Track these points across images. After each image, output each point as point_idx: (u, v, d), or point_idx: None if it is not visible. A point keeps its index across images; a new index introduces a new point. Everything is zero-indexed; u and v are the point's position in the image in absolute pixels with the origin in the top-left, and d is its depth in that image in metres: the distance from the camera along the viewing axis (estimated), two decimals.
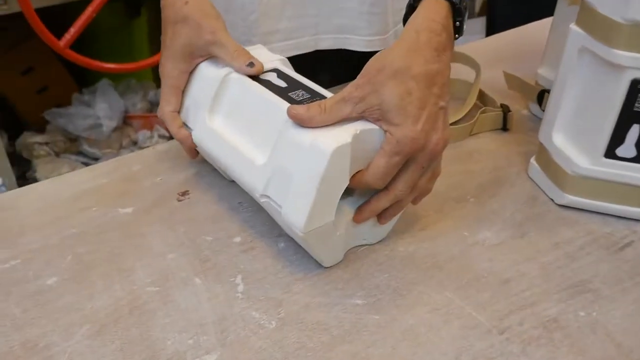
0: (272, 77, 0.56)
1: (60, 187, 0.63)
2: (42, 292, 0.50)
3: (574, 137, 0.59)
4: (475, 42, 0.98)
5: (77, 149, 1.87)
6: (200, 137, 0.58)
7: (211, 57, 0.59)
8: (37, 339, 0.46)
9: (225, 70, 0.57)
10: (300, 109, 0.48)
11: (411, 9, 0.52)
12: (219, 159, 0.56)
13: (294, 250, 0.54)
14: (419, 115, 0.47)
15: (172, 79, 0.60)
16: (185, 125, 0.60)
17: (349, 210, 0.52)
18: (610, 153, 0.55)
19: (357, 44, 0.79)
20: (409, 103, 0.47)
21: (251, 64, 0.56)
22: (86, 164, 1.87)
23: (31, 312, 0.48)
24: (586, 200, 0.59)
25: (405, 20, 0.53)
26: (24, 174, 1.84)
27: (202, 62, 0.60)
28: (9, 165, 1.65)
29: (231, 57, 0.56)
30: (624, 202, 0.57)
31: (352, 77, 0.50)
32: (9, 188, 1.60)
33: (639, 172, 0.55)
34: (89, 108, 1.86)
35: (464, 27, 0.54)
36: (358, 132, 0.47)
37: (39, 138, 1.81)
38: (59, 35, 1.45)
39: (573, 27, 0.55)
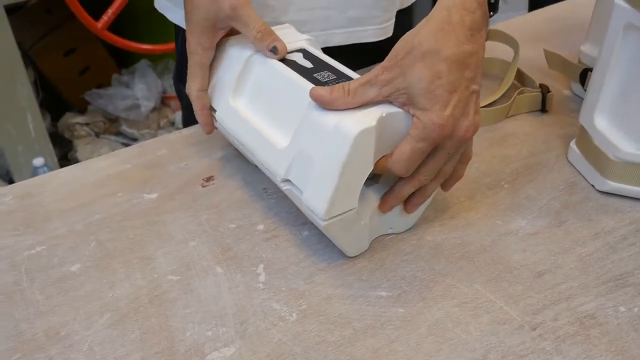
0: (298, 58, 0.55)
1: (85, 172, 0.63)
2: (65, 279, 0.50)
3: (617, 120, 0.55)
4: (515, 19, 0.93)
5: (117, 130, 1.90)
6: (222, 118, 0.57)
7: (235, 32, 0.57)
8: (59, 327, 0.46)
9: (249, 51, 0.55)
10: (323, 91, 0.46)
11: None
12: (241, 141, 0.55)
13: (317, 238, 0.53)
14: (448, 100, 0.44)
15: (196, 56, 0.58)
16: (211, 107, 0.59)
17: (374, 198, 0.50)
18: None
19: (371, 35, 0.74)
20: (438, 87, 0.44)
21: (274, 49, 0.54)
22: (125, 145, 1.90)
23: (54, 299, 0.48)
24: (630, 187, 0.55)
25: None
26: (65, 155, 1.88)
27: (228, 39, 0.58)
28: (51, 146, 1.68)
29: (254, 38, 0.55)
30: None
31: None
32: (51, 168, 1.64)
33: None
34: (128, 89, 1.88)
35: (500, 2, 0.51)
36: (384, 115, 0.45)
37: (80, 119, 1.85)
38: (97, 17, 1.47)
39: (618, 1, 0.51)
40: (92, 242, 0.54)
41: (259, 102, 0.55)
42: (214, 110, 0.59)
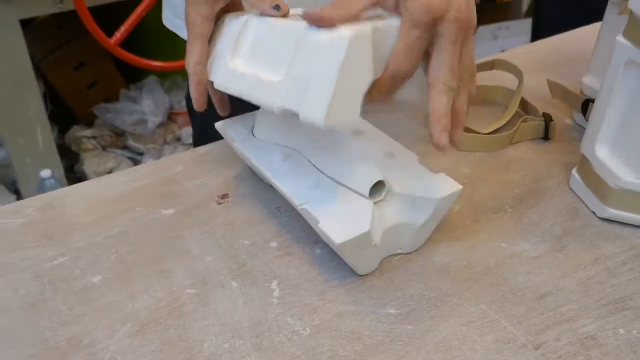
0: (297, 16, 0.53)
1: (105, 187, 0.65)
2: (87, 290, 0.52)
3: (618, 151, 0.57)
4: (519, 49, 0.96)
5: (123, 144, 1.93)
6: (222, 81, 0.55)
7: (233, 9, 0.57)
8: (82, 336, 0.48)
9: (246, 17, 0.55)
10: (315, 10, 0.46)
11: None
12: (241, 94, 0.53)
13: (330, 257, 0.55)
14: None
15: (196, 27, 0.55)
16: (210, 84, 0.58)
17: (385, 219, 0.53)
18: None
19: None
20: None
21: (277, 7, 0.52)
22: (131, 159, 1.92)
23: (77, 309, 0.50)
24: (630, 215, 0.57)
25: None
26: (72, 167, 1.90)
27: (226, 15, 0.57)
28: (58, 158, 1.71)
29: None
30: None
31: None
32: (58, 180, 1.67)
33: None
34: (136, 104, 1.91)
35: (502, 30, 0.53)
36: (380, 25, 0.45)
37: (87, 132, 1.88)
38: (110, 34, 1.50)
39: (620, 39, 0.54)
40: (112, 254, 0.56)
41: (258, 59, 0.53)
42: (212, 84, 0.57)
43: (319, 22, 0.46)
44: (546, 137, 0.72)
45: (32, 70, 1.56)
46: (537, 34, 1.43)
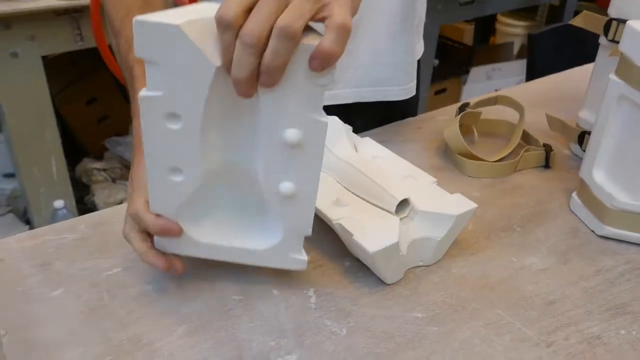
0: None
1: None
2: (142, 296, 0.57)
3: (613, 175, 0.65)
4: (520, 86, 1.05)
5: None
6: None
7: None
8: (141, 336, 0.53)
9: None
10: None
11: None
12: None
13: (358, 268, 0.61)
14: None
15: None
16: None
17: (410, 233, 0.59)
18: None
19: (396, 95, 0.85)
20: None
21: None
22: None
23: (135, 313, 0.56)
24: (625, 232, 0.64)
25: None
26: (81, 198, 1.95)
27: None
28: (71, 189, 1.77)
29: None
30: None
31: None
32: (70, 210, 1.72)
33: None
34: None
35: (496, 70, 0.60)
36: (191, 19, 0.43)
37: (97, 164, 1.93)
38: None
39: (612, 77, 0.62)
40: None
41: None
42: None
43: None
44: (547, 165, 0.79)
45: (51, 104, 1.63)
46: (531, 74, 1.53)
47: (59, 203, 1.68)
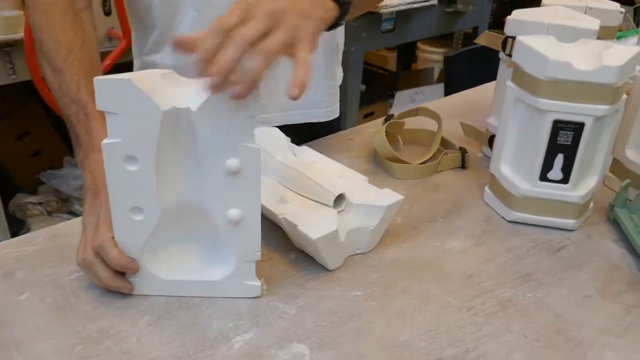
0: None
1: None
2: (105, 295, 0.62)
3: (516, 167, 0.76)
4: (438, 101, 1.17)
5: (68, 209, 1.98)
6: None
7: None
8: (109, 328, 0.58)
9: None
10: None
11: None
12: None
13: (303, 259, 0.68)
14: None
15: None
16: None
17: (347, 223, 0.67)
18: (543, 177, 0.72)
19: (322, 116, 0.95)
20: None
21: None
22: None
23: (100, 309, 0.60)
24: (529, 216, 0.75)
25: None
26: (16, 233, 1.92)
27: None
28: (6, 224, 1.74)
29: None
30: (557, 216, 0.74)
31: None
32: None
33: (566, 191, 0.72)
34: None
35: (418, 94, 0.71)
36: None
37: (32, 198, 1.92)
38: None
39: (509, 83, 0.73)
40: None
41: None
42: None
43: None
44: (463, 166, 0.90)
45: None
46: (449, 91, 1.67)
47: None
